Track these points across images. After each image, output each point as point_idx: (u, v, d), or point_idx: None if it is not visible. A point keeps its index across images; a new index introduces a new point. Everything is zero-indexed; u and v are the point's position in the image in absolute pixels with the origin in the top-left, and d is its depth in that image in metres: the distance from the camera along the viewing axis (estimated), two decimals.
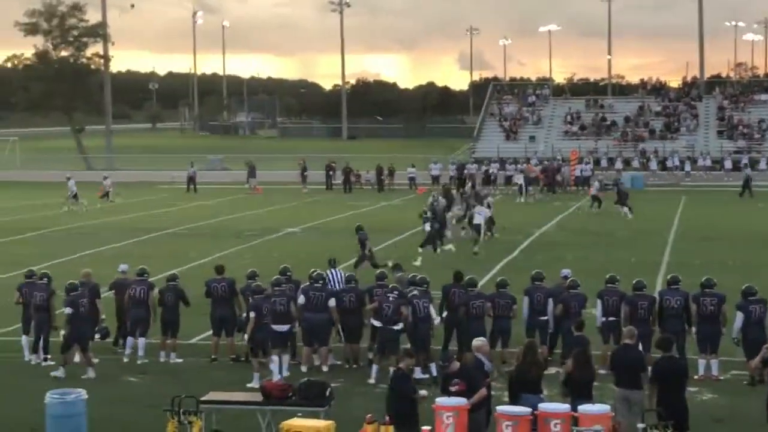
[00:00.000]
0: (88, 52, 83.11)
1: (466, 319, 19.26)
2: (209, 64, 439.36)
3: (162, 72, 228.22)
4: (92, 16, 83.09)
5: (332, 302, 19.43)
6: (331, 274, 21.35)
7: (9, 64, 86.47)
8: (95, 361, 19.71)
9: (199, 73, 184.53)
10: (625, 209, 44.87)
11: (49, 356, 19.92)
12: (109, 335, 20.86)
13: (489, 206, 37.67)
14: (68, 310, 19.22)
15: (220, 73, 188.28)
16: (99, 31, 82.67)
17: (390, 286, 19.48)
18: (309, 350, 19.61)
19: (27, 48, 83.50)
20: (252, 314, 18.72)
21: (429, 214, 34.50)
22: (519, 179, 56.76)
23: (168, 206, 51.88)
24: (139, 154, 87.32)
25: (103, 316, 20.43)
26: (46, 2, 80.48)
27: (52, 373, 19.05)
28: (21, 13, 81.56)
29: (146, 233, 40.18)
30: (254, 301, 19.02)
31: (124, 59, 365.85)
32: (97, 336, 20.41)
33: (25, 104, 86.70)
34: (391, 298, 18.94)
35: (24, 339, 20.37)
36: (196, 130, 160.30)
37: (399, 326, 18.83)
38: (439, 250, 34.00)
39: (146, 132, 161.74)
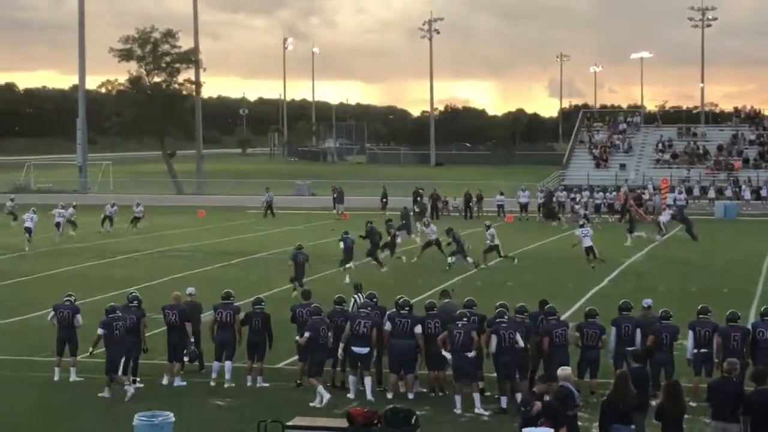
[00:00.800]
0: (180, 77, 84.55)
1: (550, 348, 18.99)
2: (299, 90, 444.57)
3: (252, 98, 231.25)
4: (185, 43, 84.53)
5: (418, 329, 19.31)
6: (357, 298, 21.53)
7: (103, 90, 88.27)
8: (181, 382, 19.96)
9: (288, 99, 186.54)
10: (632, 236, 44.84)
11: (138, 379, 20.10)
12: (197, 358, 21.02)
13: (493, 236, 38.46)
14: (100, 331, 19.55)
15: (310, 99, 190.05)
16: (191, 58, 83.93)
17: (458, 312, 19.32)
18: (395, 377, 19.52)
19: (121, 74, 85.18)
20: (307, 334, 19.03)
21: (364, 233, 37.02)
22: (580, 210, 56.49)
23: (256, 231, 52.27)
24: (228, 179, 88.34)
25: (192, 339, 20.60)
26: (141, 29, 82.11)
27: (100, 394, 19.40)
28: (116, 40, 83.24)
29: (234, 257, 40.50)
30: (312, 322, 19.27)
31: (216, 85, 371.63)
32: (185, 359, 20.62)
33: (118, 129, 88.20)
34: (460, 325, 18.81)
35: (123, 360, 20.52)
36: (285, 156, 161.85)
37: (472, 354, 18.70)
38: (342, 268, 34.83)
39: (236, 157, 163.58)
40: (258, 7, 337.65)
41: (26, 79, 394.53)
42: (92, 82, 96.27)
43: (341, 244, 35.56)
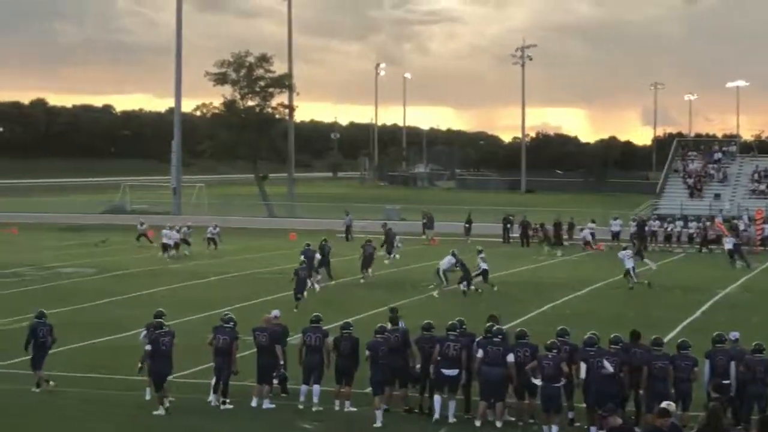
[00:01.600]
0: (274, 101, 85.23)
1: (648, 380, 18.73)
2: (390, 115, 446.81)
3: (344, 122, 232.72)
4: (278, 67, 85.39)
5: (510, 357, 19.17)
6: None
7: (198, 113, 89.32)
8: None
9: (379, 123, 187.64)
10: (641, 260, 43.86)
11: (227, 399, 20.25)
12: (286, 380, 21.14)
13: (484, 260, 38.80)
14: (147, 347, 19.90)
15: (401, 124, 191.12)
16: (285, 82, 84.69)
17: (549, 342, 19.14)
18: (484, 405, 19.39)
19: (215, 97, 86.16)
20: (367, 353, 19.68)
21: (303, 258, 37.12)
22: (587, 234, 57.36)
23: (345, 255, 52.35)
24: (319, 203, 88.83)
25: (282, 362, 20.71)
26: (236, 53, 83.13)
27: (155, 413, 19.74)
28: (210, 63, 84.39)
29: (324, 280, 40.63)
30: (371, 341, 19.90)
31: (308, 109, 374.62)
32: (275, 381, 20.76)
33: (212, 151, 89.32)
34: (549, 356, 18.65)
35: (214, 381, 20.75)
36: (376, 180, 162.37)
37: (560, 383, 18.54)
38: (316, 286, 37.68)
39: (327, 181, 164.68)
40: (352, 32, 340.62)
41: (123, 102, 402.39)
42: (187, 105, 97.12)
43: (301, 256, 37.73)
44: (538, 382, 18.71)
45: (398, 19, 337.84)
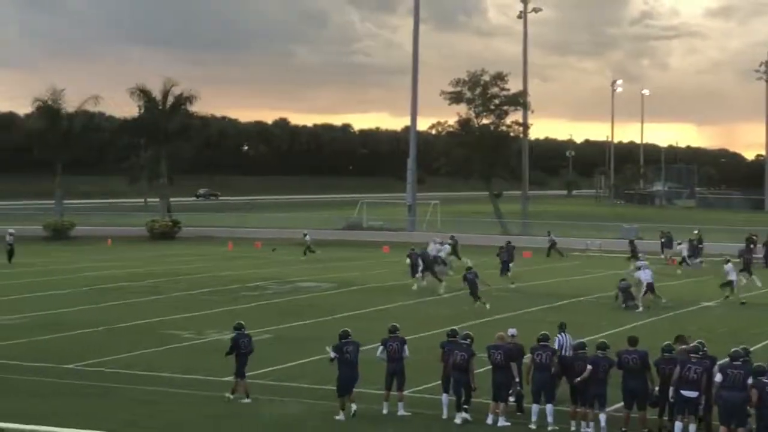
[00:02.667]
0: (508, 119, 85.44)
1: None
2: (626, 132, 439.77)
3: (579, 139, 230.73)
4: (513, 85, 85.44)
5: (751, 381, 18.45)
6: (560, 338, 21.48)
7: (433, 131, 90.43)
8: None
9: (615, 141, 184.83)
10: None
11: (468, 416, 20.28)
12: (522, 399, 21.01)
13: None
14: (332, 355, 20.59)
15: (637, 141, 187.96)
16: (519, 100, 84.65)
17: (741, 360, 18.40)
18: (725, 429, 18.74)
19: (451, 116, 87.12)
20: (589, 368, 19.70)
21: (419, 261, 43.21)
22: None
23: (581, 273, 51.81)
24: (553, 220, 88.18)
25: (517, 379, 20.61)
26: (471, 72, 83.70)
27: (336, 417, 20.39)
28: (445, 83, 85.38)
29: (559, 299, 40.29)
30: (593, 357, 20.02)
31: (543, 127, 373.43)
32: (511, 399, 20.70)
33: (446, 169, 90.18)
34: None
35: (444, 397, 20.86)
36: (611, 198, 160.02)
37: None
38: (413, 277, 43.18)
39: (561, 199, 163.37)
40: (588, 49, 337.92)
41: (361, 121, 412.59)
42: (423, 124, 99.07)
43: (407, 260, 43.99)
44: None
45: (636, 35, 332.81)
